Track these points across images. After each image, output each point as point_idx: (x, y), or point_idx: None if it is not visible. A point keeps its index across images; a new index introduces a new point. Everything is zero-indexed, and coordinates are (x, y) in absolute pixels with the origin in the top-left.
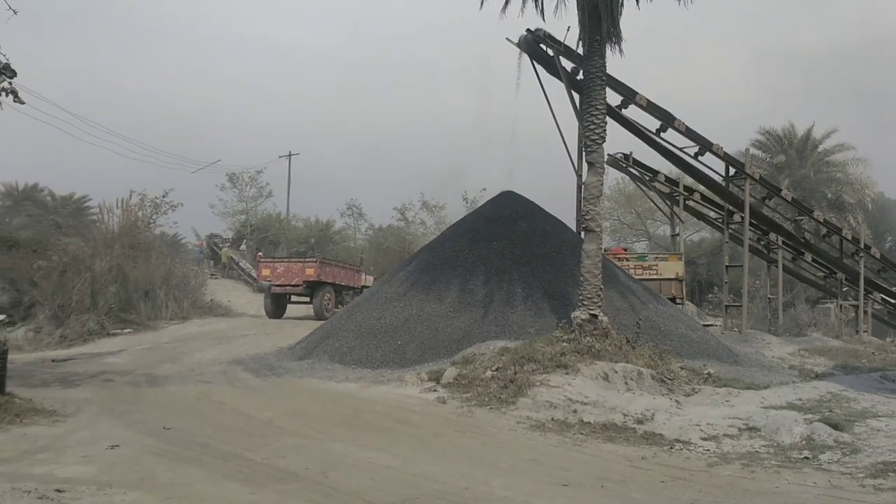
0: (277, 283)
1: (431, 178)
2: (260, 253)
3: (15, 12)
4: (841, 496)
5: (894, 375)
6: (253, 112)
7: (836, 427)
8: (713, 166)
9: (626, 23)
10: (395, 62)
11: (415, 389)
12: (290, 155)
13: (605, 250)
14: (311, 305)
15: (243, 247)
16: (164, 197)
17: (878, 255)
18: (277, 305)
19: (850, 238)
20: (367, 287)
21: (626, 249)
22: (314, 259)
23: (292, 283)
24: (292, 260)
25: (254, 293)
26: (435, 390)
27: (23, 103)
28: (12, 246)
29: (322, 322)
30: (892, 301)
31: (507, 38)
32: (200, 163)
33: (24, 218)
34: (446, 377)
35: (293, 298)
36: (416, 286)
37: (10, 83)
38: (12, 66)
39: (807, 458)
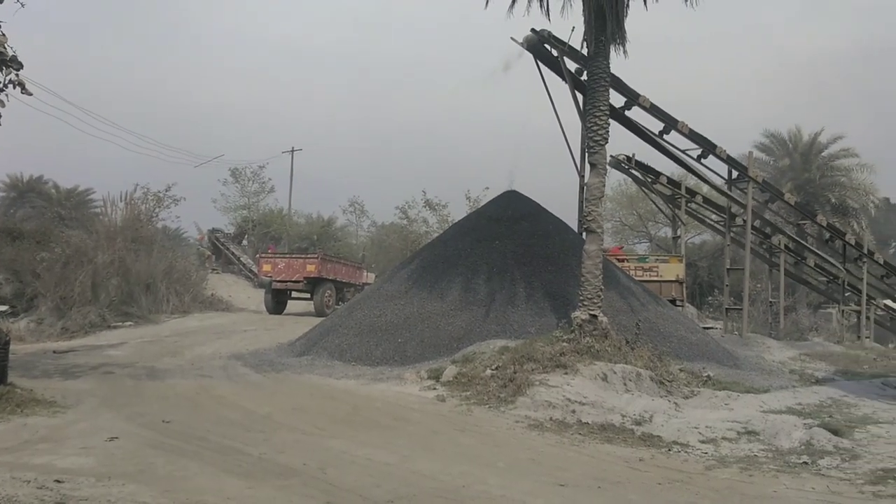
0: (278, 279)
1: (435, 176)
2: (271, 246)
3: (23, 5)
4: (839, 502)
5: None
6: (257, 108)
7: (835, 433)
8: (716, 169)
9: (632, 25)
10: (400, 60)
11: (414, 387)
12: (292, 151)
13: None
14: (312, 302)
15: (245, 242)
16: (166, 191)
17: (881, 261)
18: (278, 301)
19: (853, 243)
20: (369, 284)
21: (622, 248)
22: (315, 256)
23: (293, 280)
24: (294, 256)
25: (255, 289)
26: (434, 388)
27: (30, 94)
28: (16, 237)
29: (322, 319)
30: (895, 307)
31: (511, 38)
32: (203, 157)
33: (28, 210)
34: (446, 375)
35: (294, 294)
36: (418, 284)
37: (17, 75)
38: (19, 59)
39: (805, 463)
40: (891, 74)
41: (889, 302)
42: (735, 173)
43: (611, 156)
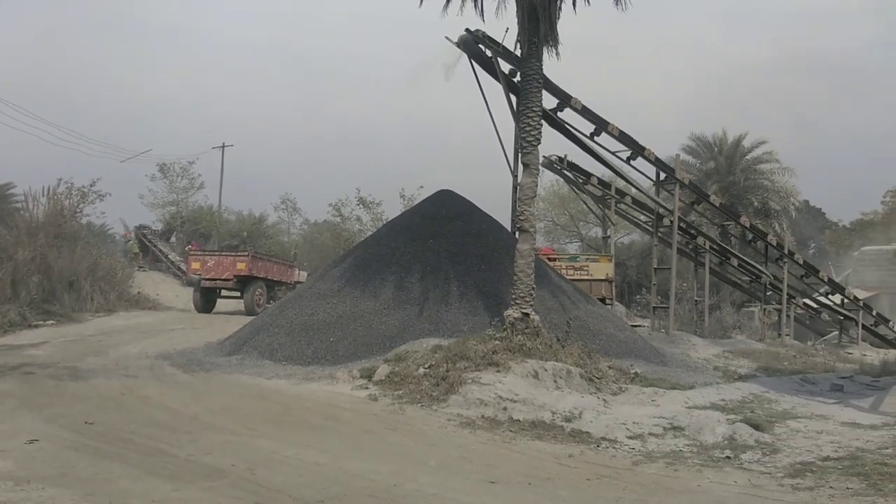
0: (207, 276)
1: (369, 174)
2: (192, 243)
3: None
4: (760, 495)
5: (814, 378)
6: (187, 102)
7: (757, 427)
8: (645, 171)
9: (565, 28)
10: (335, 56)
11: (346, 387)
12: (223, 147)
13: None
14: (242, 300)
15: (173, 239)
16: (91, 186)
17: (801, 262)
18: (207, 300)
19: (774, 244)
20: (300, 283)
21: (553, 249)
22: (246, 253)
23: (223, 278)
24: (223, 254)
25: (183, 287)
26: (366, 388)
27: None
28: None
29: (253, 317)
30: (814, 306)
31: (446, 37)
32: (130, 152)
33: None
34: (378, 374)
35: (223, 293)
36: (351, 283)
37: None
38: None
39: (728, 457)
40: (807, 84)
41: (808, 301)
42: (663, 175)
43: (543, 156)
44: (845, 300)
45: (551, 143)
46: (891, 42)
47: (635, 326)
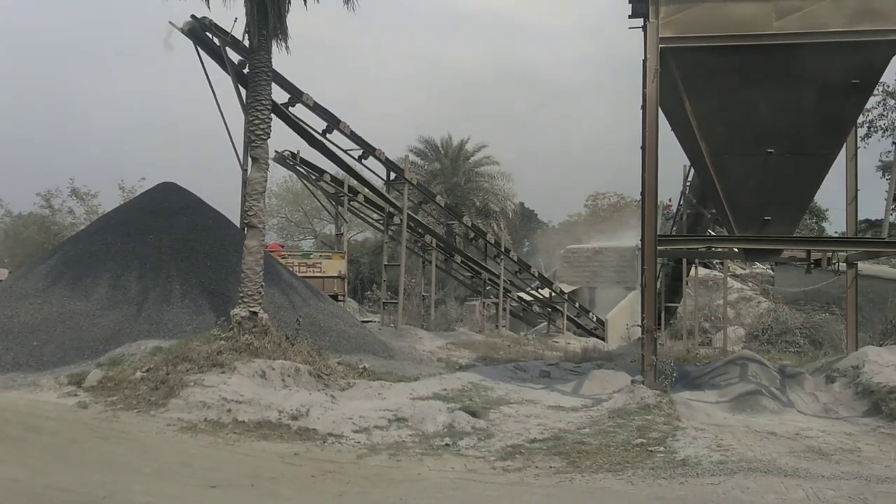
0: None
1: (85, 163)
2: None
3: None
4: (474, 479)
5: (525, 366)
6: None
7: (474, 414)
8: (376, 171)
9: (300, 26)
10: (36, 30)
11: (51, 394)
12: None
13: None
14: None
15: None
16: None
17: (515, 259)
18: None
19: (493, 242)
20: (1, 282)
21: (283, 245)
22: None
23: None
24: None
25: None
26: (76, 395)
27: None
28: None
29: None
30: (527, 299)
31: (169, 22)
32: None
33: None
34: (90, 380)
35: None
36: (59, 281)
37: None
38: None
39: (447, 444)
40: (522, 96)
41: (522, 294)
42: (393, 175)
43: (276, 151)
44: (553, 294)
45: (284, 138)
46: (592, 61)
47: (366, 322)
